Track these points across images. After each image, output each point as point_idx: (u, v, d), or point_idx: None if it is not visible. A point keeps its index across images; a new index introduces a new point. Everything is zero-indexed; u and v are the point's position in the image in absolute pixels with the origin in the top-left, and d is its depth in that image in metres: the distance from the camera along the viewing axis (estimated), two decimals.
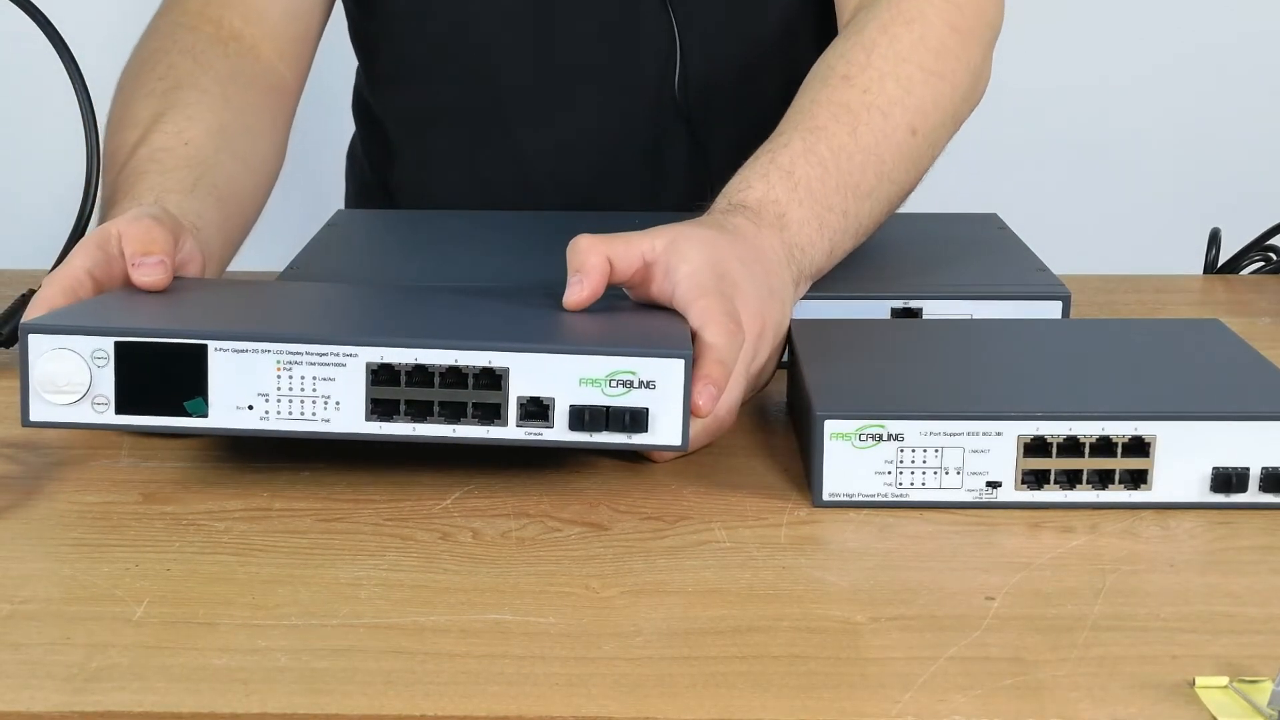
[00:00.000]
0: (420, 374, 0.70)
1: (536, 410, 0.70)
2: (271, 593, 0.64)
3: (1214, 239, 1.14)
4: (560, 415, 0.70)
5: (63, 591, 0.64)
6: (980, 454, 0.70)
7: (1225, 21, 2.13)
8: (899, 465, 0.71)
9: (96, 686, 0.57)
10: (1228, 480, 0.70)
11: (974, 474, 0.71)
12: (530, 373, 0.69)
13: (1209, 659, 0.58)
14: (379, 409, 0.70)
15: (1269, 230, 1.13)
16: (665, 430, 0.70)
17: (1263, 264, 1.14)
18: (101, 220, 0.90)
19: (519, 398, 0.70)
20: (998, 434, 0.70)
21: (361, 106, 1.29)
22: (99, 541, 0.69)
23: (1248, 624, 0.61)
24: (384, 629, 0.61)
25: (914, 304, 0.89)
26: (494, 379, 0.69)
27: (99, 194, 0.89)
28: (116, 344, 0.69)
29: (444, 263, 0.99)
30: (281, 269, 0.97)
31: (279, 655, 0.59)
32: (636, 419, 0.69)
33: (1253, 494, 0.71)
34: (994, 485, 0.71)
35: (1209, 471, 0.70)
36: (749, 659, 0.59)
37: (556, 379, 0.69)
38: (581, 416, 0.69)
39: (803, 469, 0.75)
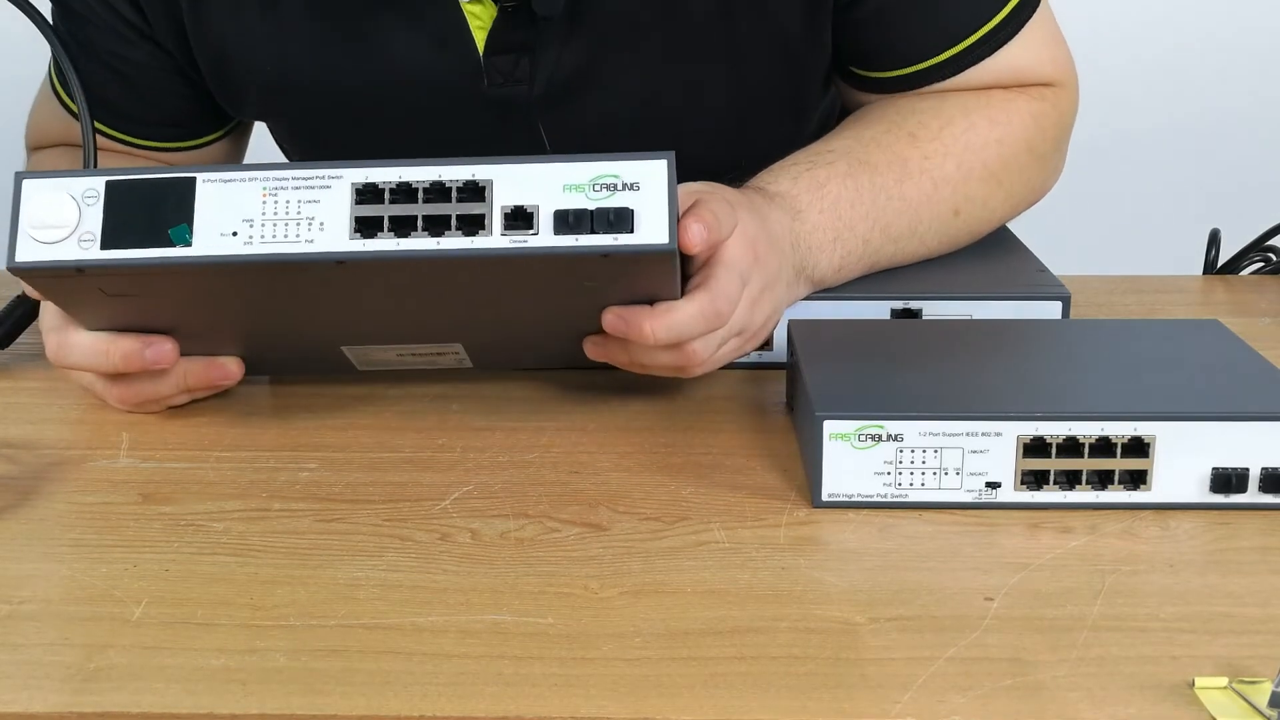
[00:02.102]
0: (404, 191, 0.69)
1: (520, 219, 0.69)
2: (270, 593, 0.64)
3: (1214, 239, 1.14)
4: (545, 221, 0.69)
5: (61, 592, 0.64)
6: (980, 454, 0.70)
7: (1226, 21, 2.13)
8: (898, 466, 0.71)
9: (95, 687, 0.57)
10: (1227, 480, 0.70)
11: (973, 474, 0.71)
12: (514, 182, 0.69)
13: (1209, 659, 0.58)
14: (363, 227, 0.69)
15: (1269, 230, 1.13)
16: (651, 229, 0.69)
17: (1262, 264, 1.14)
18: None
19: (503, 207, 0.69)
20: (997, 434, 0.70)
21: None
22: (97, 542, 0.69)
23: (1247, 624, 0.61)
24: (382, 630, 0.61)
25: (914, 304, 0.89)
26: (478, 191, 0.69)
27: None
28: (108, 182, 0.70)
29: None
30: None
31: (277, 656, 0.59)
32: (621, 218, 0.69)
33: (1252, 494, 0.70)
34: (993, 486, 0.71)
35: (1208, 472, 0.70)
36: (748, 660, 0.59)
37: (540, 187, 0.69)
38: (565, 219, 0.69)
39: (802, 469, 0.75)
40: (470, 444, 0.79)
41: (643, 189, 0.69)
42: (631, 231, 0.69)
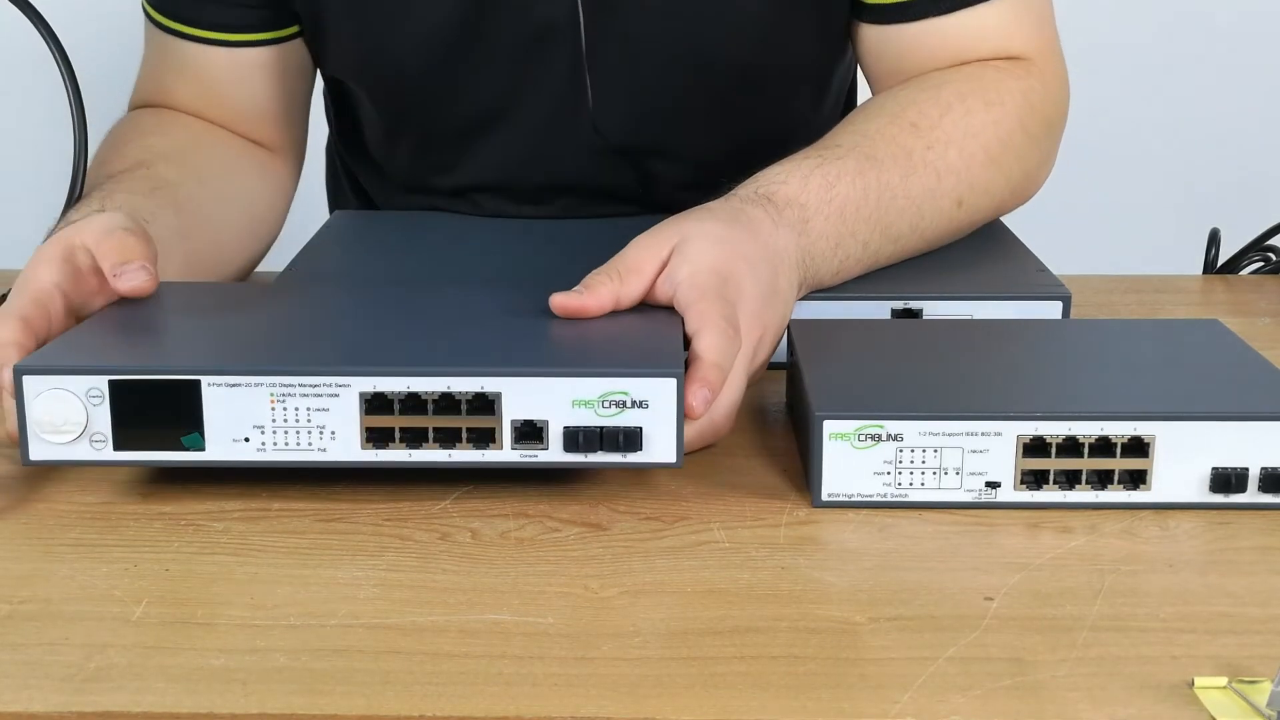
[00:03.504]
0: (413, 401, 0.70)
1: (530, 433, 0.70)
2: (270, 593, 0.64)
3: (1214, 239, 1.14)
4: (554, 437, 0.70)
5: (61, 591, 0.64)
6: (979, 454, 0.70)
7: (1226, 20, 2.13)
8: (898, 465, 0.71)
9: (95, 687, 0.57)
10: (1227, 480, 0.70)
11: (973, 474, 0.71)
12: (523, 396, 0.69)
13: (1208, 659, 0.58)
14: (374, 437, 0.70)
15: (1269, 230, 1.13)
16: (659, 448, 0.70)
17: (1262, 264, 1.14)
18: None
19: (513, 421, 0.70)
20: (997, 434, 0.70)
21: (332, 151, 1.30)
22: (97, 542, 0.69)
23: (1247, 624, 0.61)
24: (382, 629, 0.61)
25: (914, 304, 0.89)
26: (487, 404, 0.70)
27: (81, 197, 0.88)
28: (110, 382, 0.69)
29: (442, 264, 0.99)
30: (281, 269, 0.97)
31: (277, 655, 0.59)
32: (630, 439, 0.69)
33: (1252, 494, 0.70)
34: (993, 485, 0.71)
35: (1208, 472, 0.70)
36: (748, 659, 0.59)
37: (549, 402, 0.69)
38: (575, 439, 0.70)
39: (802, 469, 0.75)
40: None
41: (651, 406, 0.69)
42: (639, 450, 0.70)
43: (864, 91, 1.10)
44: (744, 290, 0.77)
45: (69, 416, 0.70)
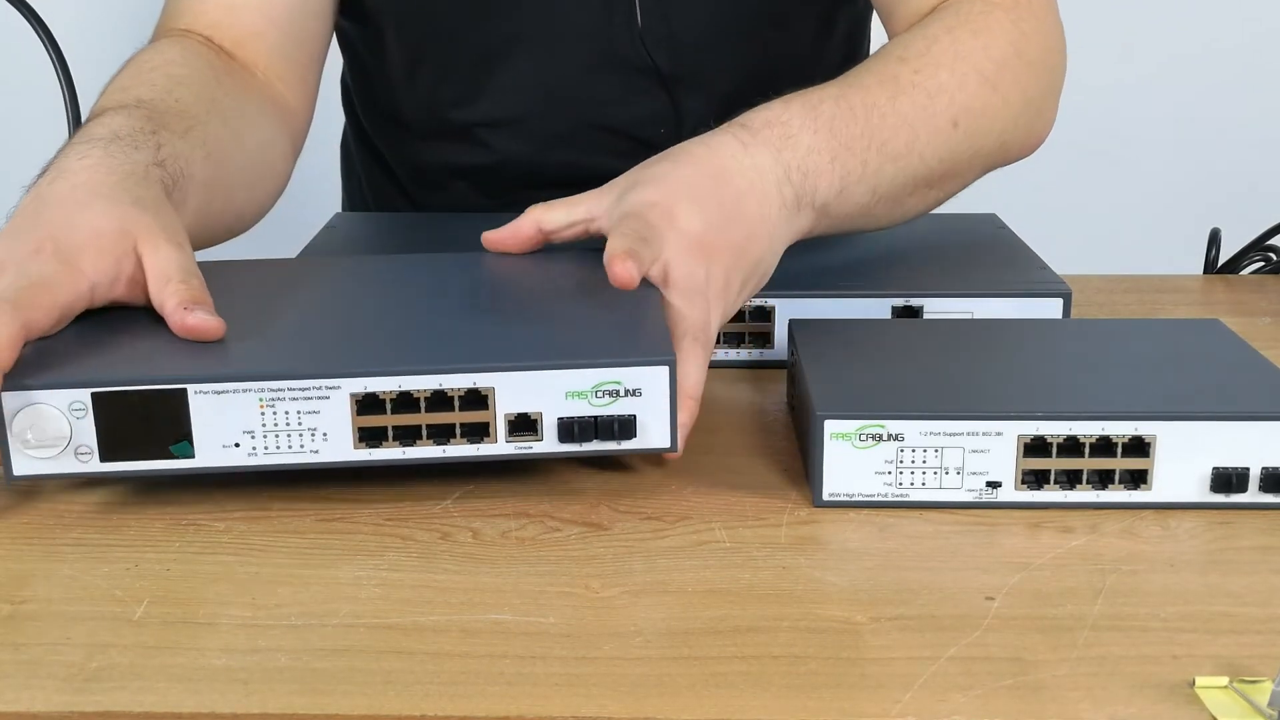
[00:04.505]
0: (405, 400, 0.69)
1: (524, 425, 0.70)
2: (271, 593, 0.64)
3: (1214, 239, 1.14)
4: (549, 428, 0.70)
5: (62, 591, 0.64)
6: (980, 454, 0.70)
7: (1226, 21, 2.13)
8: (899, 465, 0.71)
9: (96, 686, 0.57)
10: (1228, 480, 0.70)
11: (974, 474, 0.71)
12: (516, 390, 0.69)
13: (1209, 659, 0.58)
14: (367, 436, 0.70)
15: (1269, 230, 1.13)
16: (655, 435, 0.70)
17: (1263, 264, 1.14)
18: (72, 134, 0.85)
19: (506, 415, 0.70)
20: (998, 434, 0.70)
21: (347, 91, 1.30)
22: (98, 541, 0.69)
23: (1248, 624, 0.61)
24: (384, 629, 0.61)
25: (915, 301, 0.89)
26: (480, 399, 0.70)
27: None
28: (93, 395, 0.68)
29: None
30: None
31: (279, 655, 0.59)
32: (625, 427, 0.69)
33: (1253, 494, 0.71)
34: (994, 485, 0.71)
35: (1209, 471, 0.70)
36: (749, 659, 0.59)
37: (542, 394, 0.69)
38: (570, 429, 0.69)
39: (803, 469, 0.75)
40: None
41: (645, 394, 0.69)
42: (635, 437, 0.70)
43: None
44: (677, 219, 0.77)
45: (52, 431, 0.68)
